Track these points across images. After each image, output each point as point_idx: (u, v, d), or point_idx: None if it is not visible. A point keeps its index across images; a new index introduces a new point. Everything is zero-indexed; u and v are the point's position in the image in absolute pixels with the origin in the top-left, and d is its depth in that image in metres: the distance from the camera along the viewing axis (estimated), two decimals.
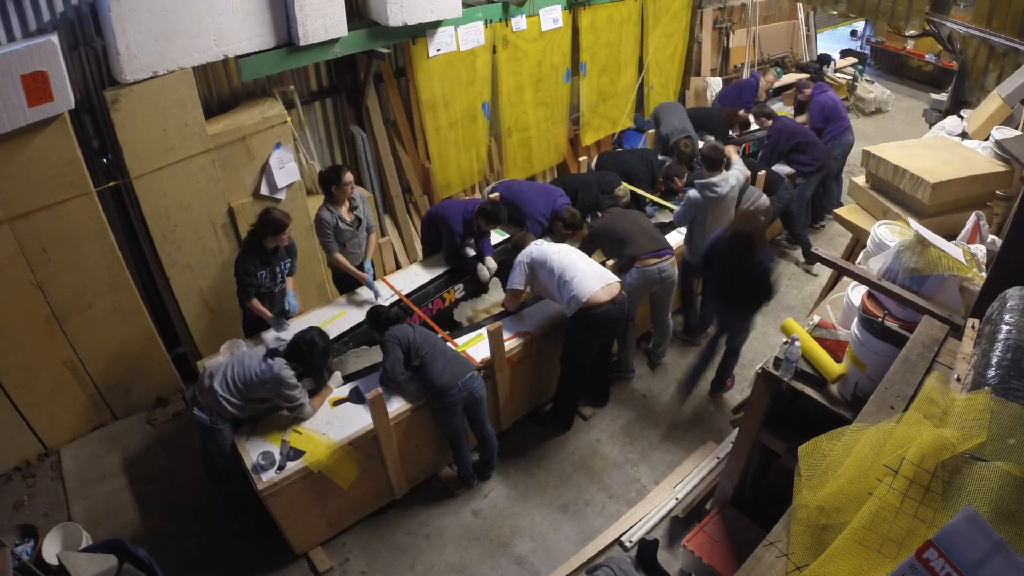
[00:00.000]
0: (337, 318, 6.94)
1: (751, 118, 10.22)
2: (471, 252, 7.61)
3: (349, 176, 6.84)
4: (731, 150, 8.23)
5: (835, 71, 14.17)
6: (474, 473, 6.65)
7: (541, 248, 6.69)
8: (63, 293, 6.51)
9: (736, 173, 7.67)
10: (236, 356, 5.68)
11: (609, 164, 9.19)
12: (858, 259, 5.38)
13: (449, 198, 9.31)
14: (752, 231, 6.29)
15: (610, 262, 7.29)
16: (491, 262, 7.53)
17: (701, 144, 8.54)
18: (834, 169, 10.04)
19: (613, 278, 6.55)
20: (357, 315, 6.90)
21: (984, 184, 5.95)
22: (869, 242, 5.03)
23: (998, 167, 5.99)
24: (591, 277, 6.41)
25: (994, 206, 5.85)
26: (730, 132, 10.28)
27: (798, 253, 9.93)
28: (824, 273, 8.99)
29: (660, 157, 9.27)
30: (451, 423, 6.12)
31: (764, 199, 8.14)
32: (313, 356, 5.64)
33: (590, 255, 6.99)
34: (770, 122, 9.54)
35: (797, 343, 4.45)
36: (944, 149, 6.41)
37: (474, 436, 6.56)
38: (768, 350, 7.72)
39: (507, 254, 7.43)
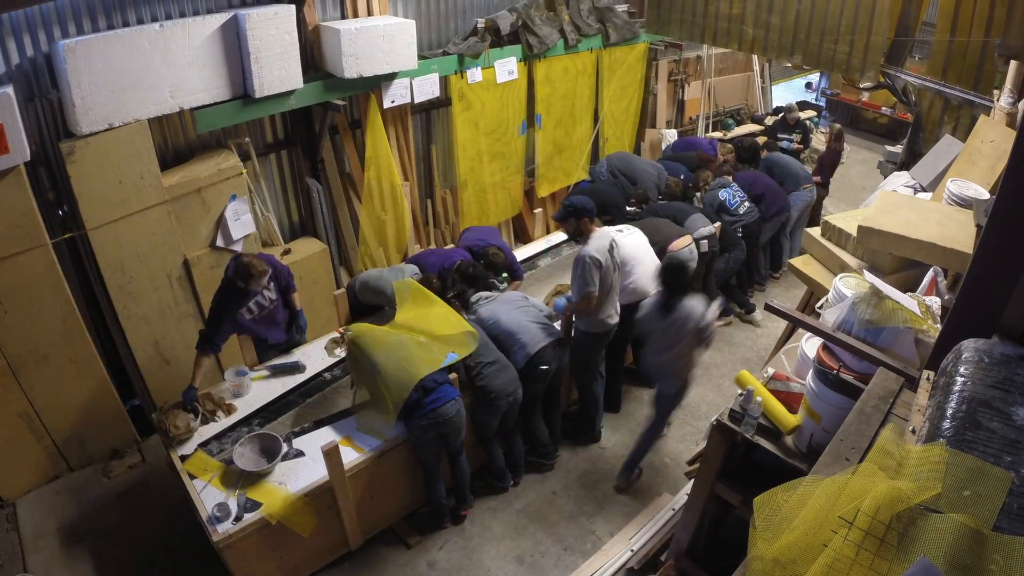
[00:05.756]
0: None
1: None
2: None
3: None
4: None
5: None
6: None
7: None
8: (18, 344, 6.42)
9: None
10: None
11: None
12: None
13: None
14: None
15: None
16: None
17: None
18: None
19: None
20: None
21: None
22: (831, 295, 5.04)
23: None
24: (647, 278, 7.19)
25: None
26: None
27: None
28: (777, 324, 9.06)
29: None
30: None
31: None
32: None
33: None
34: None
35: (758, 399, 4.46)
36: (917, 207, 6.26)
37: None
38: (723, 401, 7.77)
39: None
